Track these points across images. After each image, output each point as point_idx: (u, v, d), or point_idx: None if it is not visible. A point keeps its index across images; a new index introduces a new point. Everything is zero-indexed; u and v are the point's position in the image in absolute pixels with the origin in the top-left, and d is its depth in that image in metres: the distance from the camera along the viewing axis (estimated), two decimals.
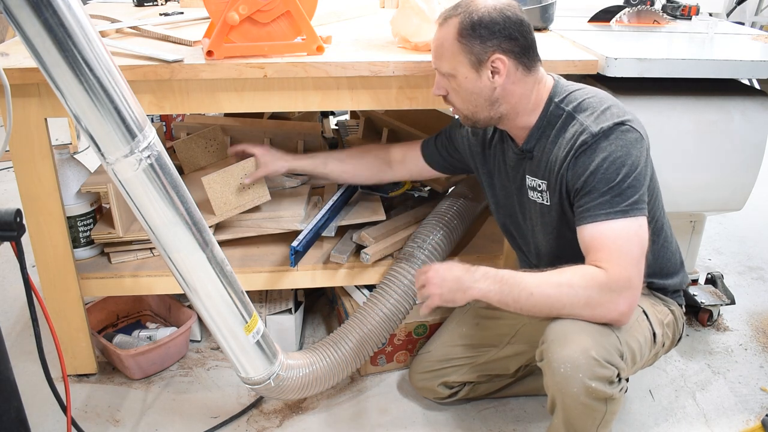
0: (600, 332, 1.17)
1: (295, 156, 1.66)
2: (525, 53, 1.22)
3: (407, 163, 1.63)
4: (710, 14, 2.35)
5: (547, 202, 1.31)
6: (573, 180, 1.22)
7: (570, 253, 1.25)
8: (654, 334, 1.32)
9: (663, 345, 1.37)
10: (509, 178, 1.40)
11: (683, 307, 1.45)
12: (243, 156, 1.64)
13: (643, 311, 1.32)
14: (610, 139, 1.18)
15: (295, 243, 1.58)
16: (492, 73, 1.21)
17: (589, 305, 1.16)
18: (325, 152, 1.72)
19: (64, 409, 1.27)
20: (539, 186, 1.31)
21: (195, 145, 1.92)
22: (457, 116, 1.35)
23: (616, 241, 1.16)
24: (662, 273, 1.39)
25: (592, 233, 1.18)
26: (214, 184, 1.60)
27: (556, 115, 1.26)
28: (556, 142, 1.26)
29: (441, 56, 1.24)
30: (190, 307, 1.77)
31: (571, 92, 1.27)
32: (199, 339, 1.88)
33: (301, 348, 1.85)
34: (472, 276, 1.21)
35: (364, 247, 1.68)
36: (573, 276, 1.16)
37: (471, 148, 1.49)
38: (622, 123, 1.19)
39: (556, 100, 1.27)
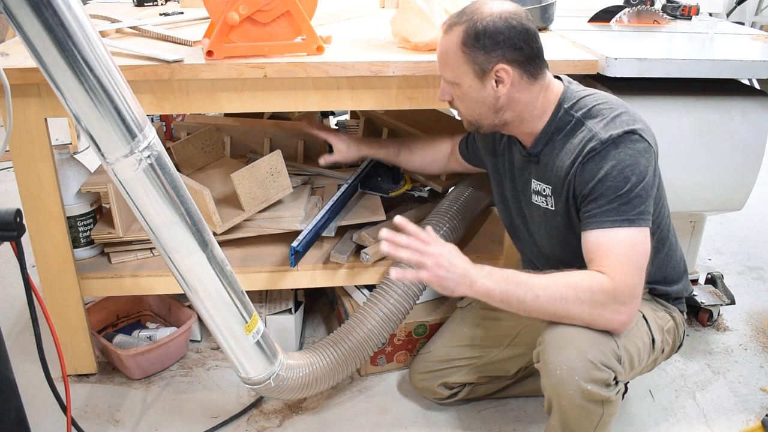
0: (597, 336, 1.17)
1: (369, 145, 1.73)
2: (530, 62, 1.20)
3: (456, 155, 1.68)
4: (710, 14, 2.35)
5: (551, 207, 1.31)
6: (580, 186, 1.21)
7: (573, 259, 1.25)
8: (653, 340, 1.31)
9: (662, 351, 1.37)
10: (516, 179, 1.40)
11: (685, 313, 1.44)
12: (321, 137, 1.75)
13: (643, 317, 1.32)
14: (620, 147, 1.18)
15: (295, 243, 1.58)
16: (496, 82, 1.20)
17: (593, 312, 1.15)
18: (397, 141, 1.75)
19: (64, 409, 1.27)
20: (544, 190, 1.31)
21: (192, 146, 1.92)
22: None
23: (621, 249, 1.16)
24: (666, 280, 1.39)
25: (597, 239, 1.18)
26: (243, 180, 1.62)
27: (565, 121, 1.25)
28: (563, 147, 1.25)
29: (445, 64, 1.24)
30: (190, 307, 1.77)
31: (581, 98, 1.26)
32: (199, 339, 1.88)
33: (301, 348, 1.85)
34: (479, 272, 1.18)
35: (364, 247, 1.68)
36: (580, 281, 1.15)
37: (485, 146, 1.50)
38: (633, 132, 1.18)
39: (566, 105, 1.26)
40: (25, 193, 1.47)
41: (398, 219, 1.23)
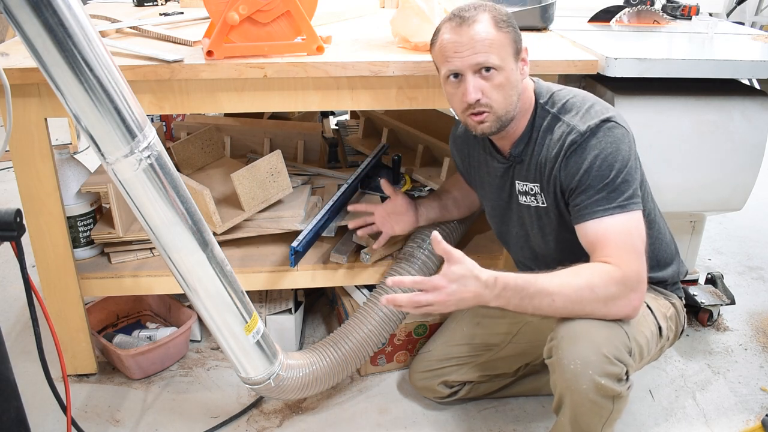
0: (610, 329, 1.17)
1: (421, 213, 1.58)
2: None
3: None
4: (710, 14, 2.35)
5: (543, 203, 1.31)
6: (567, 180, 1.23)
7: (568, 255, 1.25)
8: (660, 328, 1.32)
9: (668, 338, 1.38)
10: (496, 188, 1.41)
11: (683, 299, 1.45)
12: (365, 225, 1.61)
13: (648, 306, 1.33)
14: (599, 136, 1.20)
15: (295, 243, 1.58)
16: (522, 62, 1.24)
17: (608, 303, 1.16)
18: (441, 198, 1.64)
19: (64, 409, 1.27)
20: (532, 189, 1.32)
21: (192, 146, 1.92)
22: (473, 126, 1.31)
23: (619, 236, 1.17)
24: (659, 264, 1.40)
25: (594, 230, 1.19)
26: (243, 180, 1.62)
27: (542, 117, 1.28)
28: (543, 143, 1.27)
29: (489, 49, 1.18)
30: (190, 307, 1.77)
31: (553, 93, 1.29)
32: (199, 339, 1.88)
33: (301, 348, 1.85)
34: (491, 292, 1.14)
35: (364, 247, 1.68)
36: (591, 275, 1.16)
37: (463, 162, 1.53)
38: (608, 120, 1.21)
39: (541, 101, 1.29)
40: (25, 193, 1.47)
41: (389, 281, 1.19)
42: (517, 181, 1.35)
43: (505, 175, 1.37)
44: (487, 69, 1.19)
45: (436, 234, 1.15)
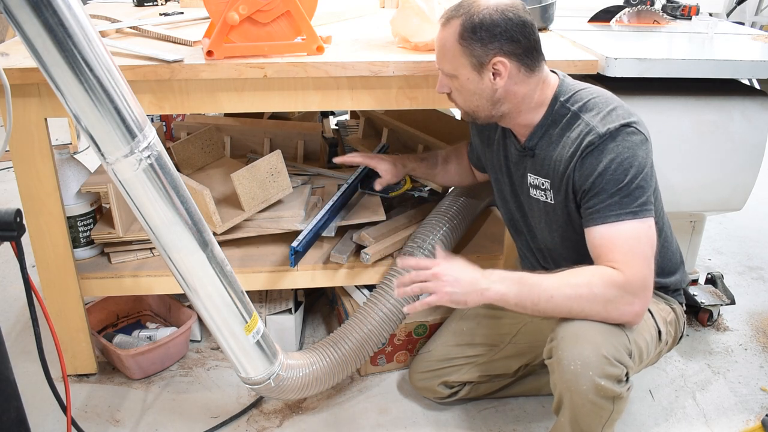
0: (610, 331, 1.17)
1: (409, 161, 1.68)
2: (528, 54, 1.21)
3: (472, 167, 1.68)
4: (710, 14, 2.35)
5: (550, 200, 1.31)
6: (580, 181, 1.22)
7: (573, 254, 1.25)
8: (659, 332, 1.32)
9: (666, 343, 1.38)
10: (511, 174, 1.41)
11: (683, 305, 1.45)
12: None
13: (648, 309, 1.32)
14: (617, 140, 1.18)
15: (295, 243, 1.58)
16: (493, 75, 1.21)
17: (607, 307, 1.16)
18: (432, 157, 1.71)
19: (64, 409, 1.27)
20: (542, 184, 1.31)
21: (192, 146, 1.92)
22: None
23: (628, 242, 1.16)
24: (663, 272, 1.40)
25: (602, 234, 1.19)
26: (243, 180, 1.62)
27: (561, 114, 1.26)
28: (560, 141, 1.26)
29: (443, 57, 1.25)
30: (190, 307, 1.77)
31: (576, 91, 1.27)
32: (199, 339, 1.88)
33: (301, 348, 1.85)
34: (488, 278, 1.18)
35: (364, 247, 1.68)
36: (592, 277, 1.16)
37: (481, 140, 1.51)
38: (628, 125, 1.20)
39: (562, 99, 1.26)
40: (25, 193, 1.47)
41: (399, 262, 1.27)
42: (529, 173, 1.34)
43: (519, 164, 1.37)
44: (446, 73, 1.27)
45: (439, 245, 1.25)
